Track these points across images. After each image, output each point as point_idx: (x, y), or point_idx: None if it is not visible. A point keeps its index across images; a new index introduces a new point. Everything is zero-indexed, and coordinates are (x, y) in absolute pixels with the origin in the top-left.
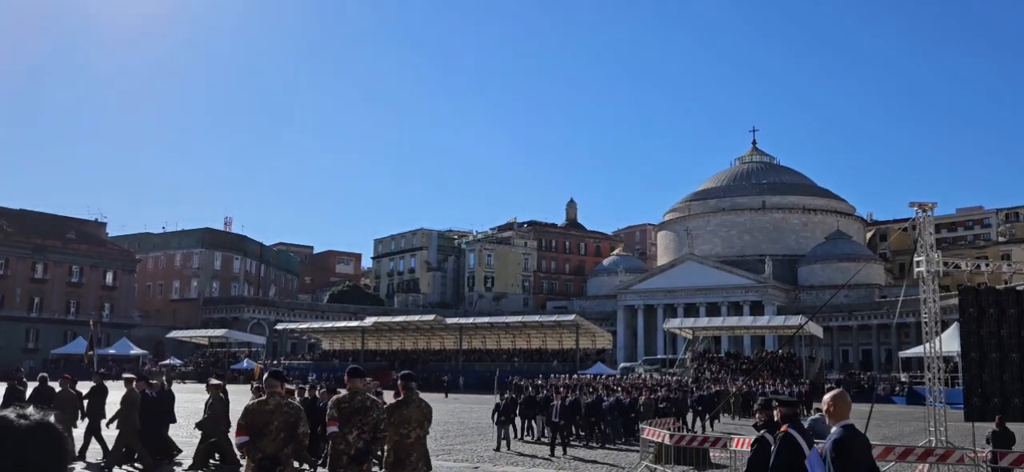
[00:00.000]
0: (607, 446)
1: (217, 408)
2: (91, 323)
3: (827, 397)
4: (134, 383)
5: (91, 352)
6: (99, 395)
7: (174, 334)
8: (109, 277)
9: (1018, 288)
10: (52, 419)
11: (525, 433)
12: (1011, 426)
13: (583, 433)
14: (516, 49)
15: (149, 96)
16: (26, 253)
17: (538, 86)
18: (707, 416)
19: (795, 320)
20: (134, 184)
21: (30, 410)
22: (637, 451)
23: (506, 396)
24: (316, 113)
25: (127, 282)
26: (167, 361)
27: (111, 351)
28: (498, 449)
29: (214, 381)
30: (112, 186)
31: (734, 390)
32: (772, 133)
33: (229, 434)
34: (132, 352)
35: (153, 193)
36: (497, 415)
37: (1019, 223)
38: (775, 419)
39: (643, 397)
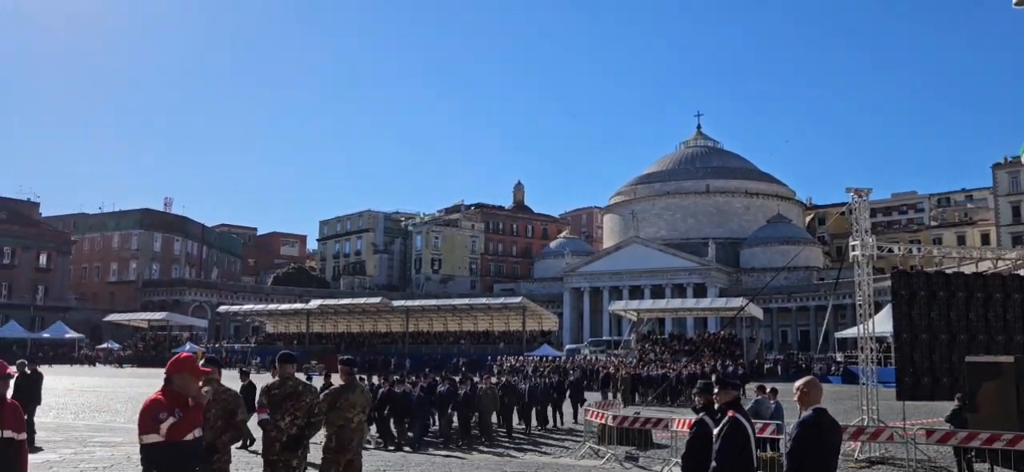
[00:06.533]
0: (406, 449)
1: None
2: None
3: (799, 383)
4: None
5: None
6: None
7: (112, 317)
8: (43, 259)
9: (947, 271)
10: None
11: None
12: (942, 403)
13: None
14: (463, 31)
15: (83, 71)
16: None
17: (488, 68)
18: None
19: (736, 302)
20: (68, 163)
21: None
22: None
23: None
24: (258, 92)
25: (62, 264)
26: (105, 345)
27: (45, 335)
28: None
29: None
30: (45, 164)
31: (623, 373)
32: (716, 118)
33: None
34: (67, 336)
35: (89, 173)
36: None
37: (950, 208)
38: (715, 404)
39: (483, 384)
